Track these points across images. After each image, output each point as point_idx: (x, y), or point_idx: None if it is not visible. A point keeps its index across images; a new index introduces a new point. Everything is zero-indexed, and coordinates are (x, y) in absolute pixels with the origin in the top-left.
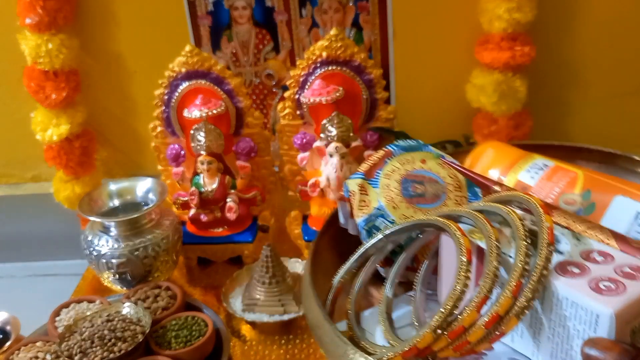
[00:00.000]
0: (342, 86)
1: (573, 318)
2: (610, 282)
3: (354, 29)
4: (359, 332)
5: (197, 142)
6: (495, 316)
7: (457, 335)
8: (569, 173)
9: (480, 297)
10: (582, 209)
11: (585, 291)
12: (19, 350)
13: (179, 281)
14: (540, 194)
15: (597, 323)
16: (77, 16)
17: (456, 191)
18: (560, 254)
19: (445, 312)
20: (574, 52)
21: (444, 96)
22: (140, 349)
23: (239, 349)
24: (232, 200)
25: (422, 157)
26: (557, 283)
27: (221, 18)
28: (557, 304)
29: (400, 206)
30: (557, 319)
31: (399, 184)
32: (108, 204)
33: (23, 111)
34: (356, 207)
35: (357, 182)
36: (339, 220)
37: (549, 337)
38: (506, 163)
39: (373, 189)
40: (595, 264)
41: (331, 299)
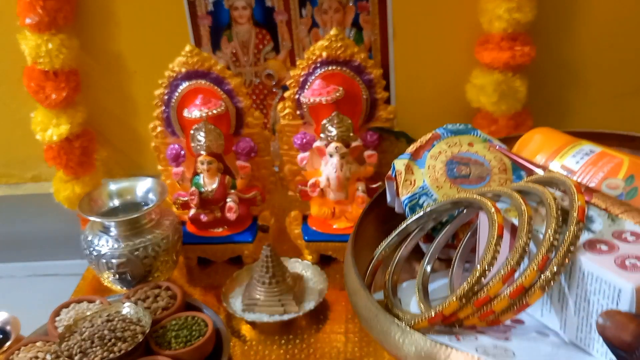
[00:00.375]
0: (342, 86)
1: (597, 292)
2: (637, 260)
3: (354, 29)
4: (393, 300)
5: (197, 142)
6: (520, 287)
7: (482, 304)
8: (614, 159)
9: (507, 269)
10: (624, 194)
11: (609, 266)
12: (19, 350)
13: (179, 281)
14: (585, 178)
15: (620, 297)
16: (77, 16)
17: (501, 174)
18: (592, 233)
19: (472, 281)
20: (574, 52)
21: (444, 96)
22: (140, 349)
23: (239, 349)
24: (232, 200)
25: (469, 141)
26: (583, 258)
27: (221, 18)
28: (583, 278)
29: (444, 186)
30: (583, 293)
31: (445, 165)
32: (108, 204)
33: (23, 111)
34: (401, 185)
35: (403, 162)
36: (387, 199)
37: (574, 312)
38: (553, 148)
39: (419, 169)
40: (626, 243)
41: (371, 270)
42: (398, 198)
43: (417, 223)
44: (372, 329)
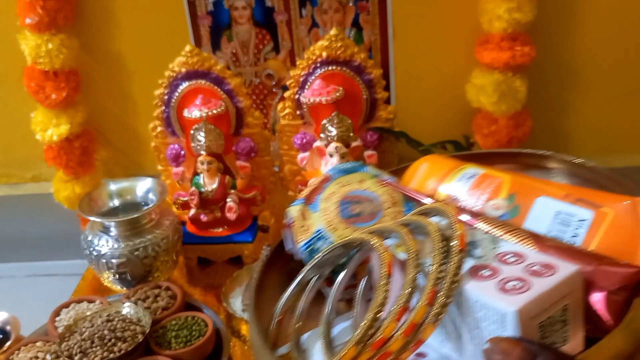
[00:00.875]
0: (342, 86)
1: (485, 319)
2: (517, 281)
3: (354, 29)
4: (298, 353)
5: (197, 142)
6: (412, 324)
7: (379, 347)
8: (495, 179)
9: (398, 307)
10: (507, 213)
11: (492, 292)
12: (19, 350)
13: (179, 281)
14: (470, 202)
15: (505, 322)
16: (77, 16)
17: (392, 208)
18: (475, 259)
19: (367, 324)
20: (574, 52)
21: (444, 96)
22: (140, 349)
23: (239, 349)
24: (232, 200)
25: (360, 178)
26: (467, 287)
27: (221, 18)
28: (470, 307)
29: (339, 227)
30: (473, 321)
31: (338, 205)
32: (108, 204)
33: (23, 111)
34: (297, 232)
35: (297, 208)
36: (286, 246)
37: (469, 340)
38: (440, 175)
39: (313, 214)
40: (508, 265)
41: (276, 323)
42: (296, 245)
43: (315, 269)
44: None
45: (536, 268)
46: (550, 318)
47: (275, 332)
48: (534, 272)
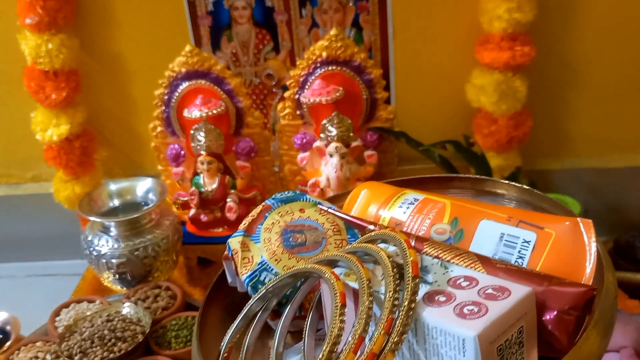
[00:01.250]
0: (342, 86)
1: (444, 345)
2: (473, 306)
3: (354, 29)
4: None
5: (197, 142)
6: (371, 354)
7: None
8: (437, 204)
9: (355, 338)
10: (452, 237)
11: (450, 318)
12: (19, 350)
13: (179, 281)
14: (413, 228)
15: (464, 347)
16: (77, 16)
17: (335, 235)
18: (428, 284)
19: (323, 358)
20: (574, 52)
21: (444, 96)
22: (140, 349)
23: None
24: (232, 200)
25: (300, 207)
26: (425, 314)
27: (221, 18)
28: (429, 333)
29: (282, 258)
30: (431, 348)
31: (280, 235)
32: (108, 204)
33: (23, 111)
34: (240, 264)
35: (238, 239)
36: (228, 279)
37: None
38: (380, 201)
39: (255, 244)
40: (461, 289)
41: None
42: (238, 277)
43: (261, 302)
44: None
45: (490, 291)
46: (507, 341)
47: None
48: (488, 296)
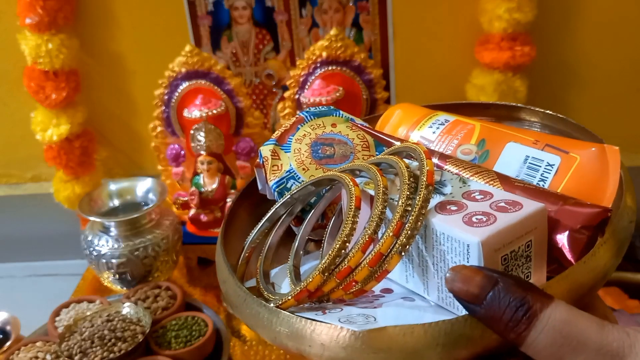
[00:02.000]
0: (342, 86)
1: (450, 251)
2: (483, 216)
3: (354, 29)
4: (264, 285)
5: (197, 142)
6: (378, 254)
7: (344, 276)
8: (466, 125)
9: (365, 239)
10: (477, 157)
11: (458, 224)
12: (19, 350)
13: (179, 281)
14: (441, 147)
15: (469, 253)
16: (77, 16)
17: (364, 151)
18: (442, 195)
19: (333, 254)
20: (574, 52)
21: (444, 96)
22: (140, 349)
23: (239, 349)
24: (232, 200)
25: (332, 122)
26: (434, 220)
27: (221, 18)
28: (436, 239)
29: (310, 168)
30: (438, 254)
31: (310, 147)
32: (108, 204)
33: (23, 111)
34: (269, 171)
35: (269, 147)
36: (258, 186)
37: (434, 273)
38: (412, 121)
39: (285, 154)
40: (474, 201)
41: (244, 258)
42: (267, 184)
43: (285, 207)
44: (242, 314)
45: (502, 204)
46: (513, 252)
47: (243, 268)
48: (499, 208)
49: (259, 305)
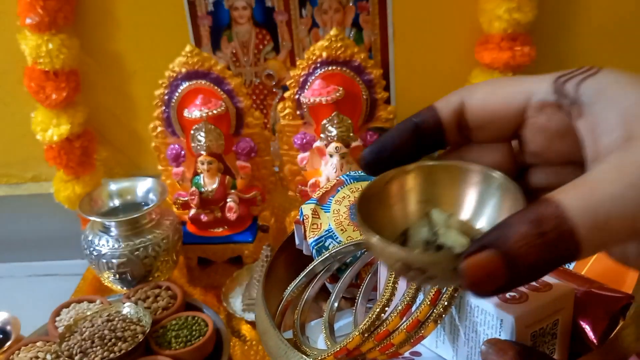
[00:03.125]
0: (342, 86)
1: (483, 323)
2: (516, 293)
3: (354, 29)
4: (302, 338)
5: (197, 142)
6: (415, 321)
7: (382, 338)
8: None
9: (403, 304)
10: None
11: (493, 301)
12: (19, 350)
13: (179, 281)
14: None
15: (502, 327)
16: (77, 16)
17: None
18: None
19: (373, 317)
20: (574, 52)
21: (444, 96)
22: (141, 349)
23: (239, 348)
24: (232, 200)
25: None
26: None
27: (221, 18)
28: (470, 311)
29: (347, 229)
30: (470, 324)
31: (348, 209)
32: (108, 204)
33: (23, 111)
34: (309, 229)
35: (310, 207)
36: (295, 241)
37: (464, 342)
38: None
39: (324, 213)
40: None
41: (280, 310)
42: (306, 241)
43: (323, 264)
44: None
45: (534, 283)
46: (542, 329)
47: (280, 319)
48: (531, 287)
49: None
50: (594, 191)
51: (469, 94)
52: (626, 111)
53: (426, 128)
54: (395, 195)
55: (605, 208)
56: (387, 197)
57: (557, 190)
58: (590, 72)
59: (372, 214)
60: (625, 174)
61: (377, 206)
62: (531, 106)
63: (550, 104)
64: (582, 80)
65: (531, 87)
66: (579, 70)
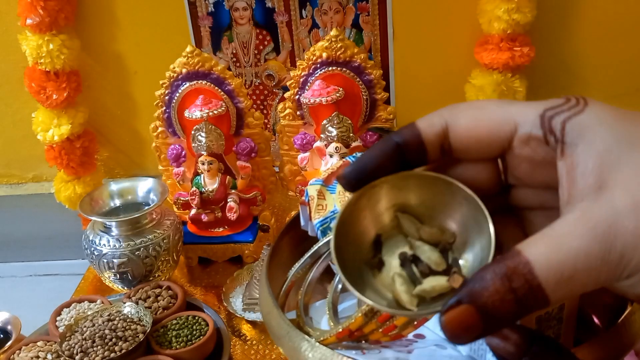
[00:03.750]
0: (342, 87)
1: None
2: None
3: (354, 29)
4: (305, 319)
5: (198, 142)
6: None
7: (385, 320)
8: None
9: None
10: None
11: None
12: (20, 349)
13: (180, 281)
14: None
15: None
16: (78, 17)
17: None
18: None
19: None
20: (574, 52)
21: (443, 96)
22: (141, 349)
23: (239, 348)
24: (233, 200)
25: None
26: None
27: (222, 19)
28: None
29: None
30: None
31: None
32: (109, 204)
33: (24, 111)
34: (314, 210)
35: (316, 187)
36: (300, 222)
37: None
38: None
39: (330, 194)
40: None
41: (284, 291)
42: (311, 222)
43: (328, 245)
44: (284, 346)
45: None
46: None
47: (283, 299)
48: None
49: (302, 339)
50: (561, 246)
51: (454, 118)
52: (602, 159)
53: (408, 148)
54: (364, 208)
55: (570, 263)
56: (358, 212)
57: (527, 242)
58: (577, 108)
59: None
60: (590, 228)
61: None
62: (517, 137)
63: (537, 138)
64: (568, 118)
65: (518, 117)
66: (566, 103)
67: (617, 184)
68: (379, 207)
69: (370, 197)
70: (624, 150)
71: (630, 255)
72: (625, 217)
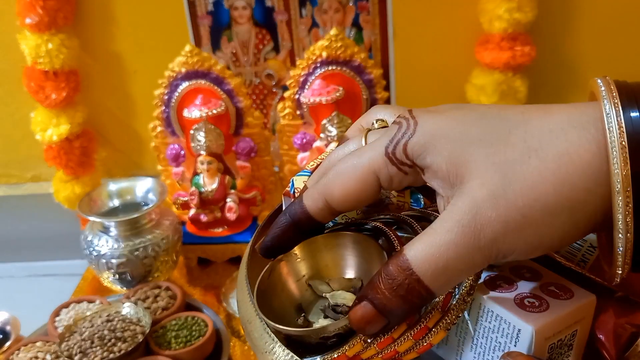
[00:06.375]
0: (342, 86)
1: (496, 331)
2: (534, 299)
3: (354, 28)
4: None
5: (197, 142)
6: (424, 328)
7: (385, 346)
8: None
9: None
10: None
11: (510, 307)
12: (19, 350)
13: (179, 281)
14: None
15: (519, 337)
16: (77, 16)
17: (399, 196)
18: (492, 270)
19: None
20: (574, 52)
21: (444, 96)
22: (140, 349)
23: (238, 349)
24: (232, 200)
25: None
26: (484, 297)
27: (221, 18)
28: (483, 316)
29: None
30: (482, 330)
31: None
32: (108, 204)
33: (23, 111)
34: None
35: (303, 179)
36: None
37: (472, 347)
38: None
39: None
40: (524, 280)
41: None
42: None
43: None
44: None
45: (552, 289)
46: (560, 341)
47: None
48: (549, 292)
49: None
50: (433, 241)
51: (329, 193)
52: (450, 161)
53: (302, 223)
54: (279, 282)
55: (443, 255)
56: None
57: (410, 242)
58: (409, 131)
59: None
60: (457, 221)
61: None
62: (383, 182)
63: (397, 173)
64: (405, 144)
65: (374, 166)
66: (399, 130)
67: (472, 178)
68: (292, 278)
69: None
70: (465, 148)
71: (501, 240)
72: (486, 207)
